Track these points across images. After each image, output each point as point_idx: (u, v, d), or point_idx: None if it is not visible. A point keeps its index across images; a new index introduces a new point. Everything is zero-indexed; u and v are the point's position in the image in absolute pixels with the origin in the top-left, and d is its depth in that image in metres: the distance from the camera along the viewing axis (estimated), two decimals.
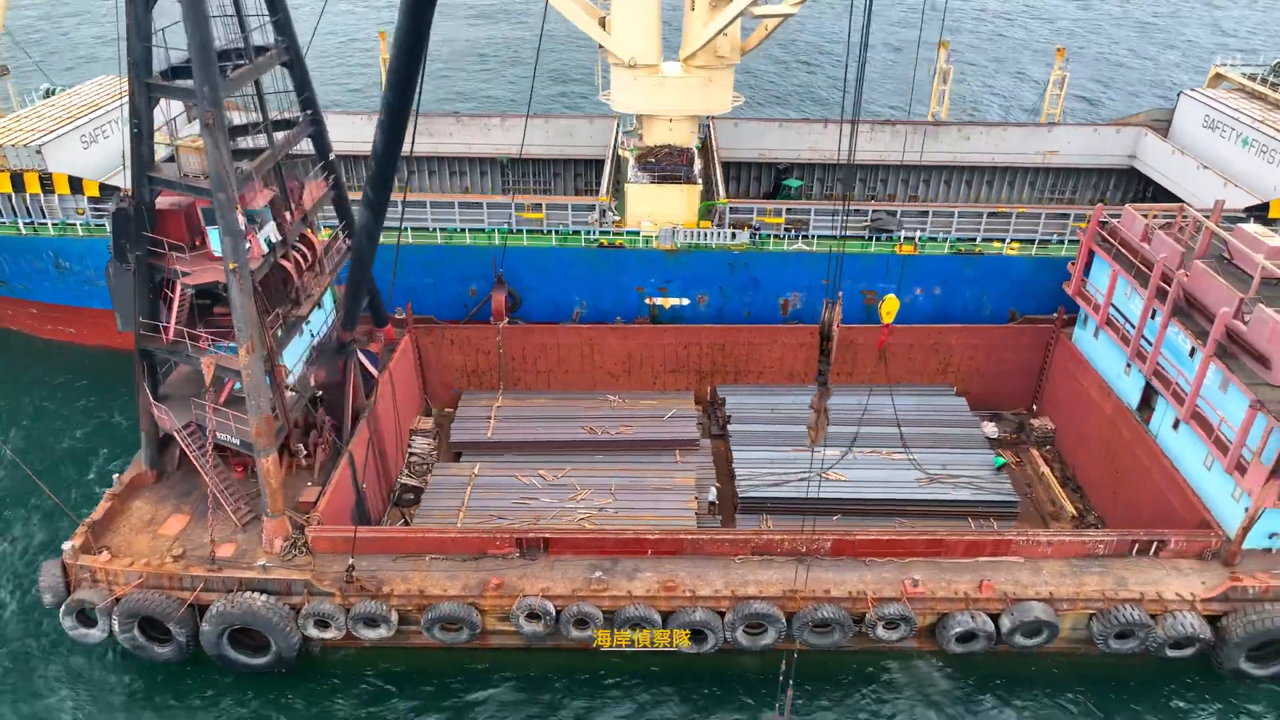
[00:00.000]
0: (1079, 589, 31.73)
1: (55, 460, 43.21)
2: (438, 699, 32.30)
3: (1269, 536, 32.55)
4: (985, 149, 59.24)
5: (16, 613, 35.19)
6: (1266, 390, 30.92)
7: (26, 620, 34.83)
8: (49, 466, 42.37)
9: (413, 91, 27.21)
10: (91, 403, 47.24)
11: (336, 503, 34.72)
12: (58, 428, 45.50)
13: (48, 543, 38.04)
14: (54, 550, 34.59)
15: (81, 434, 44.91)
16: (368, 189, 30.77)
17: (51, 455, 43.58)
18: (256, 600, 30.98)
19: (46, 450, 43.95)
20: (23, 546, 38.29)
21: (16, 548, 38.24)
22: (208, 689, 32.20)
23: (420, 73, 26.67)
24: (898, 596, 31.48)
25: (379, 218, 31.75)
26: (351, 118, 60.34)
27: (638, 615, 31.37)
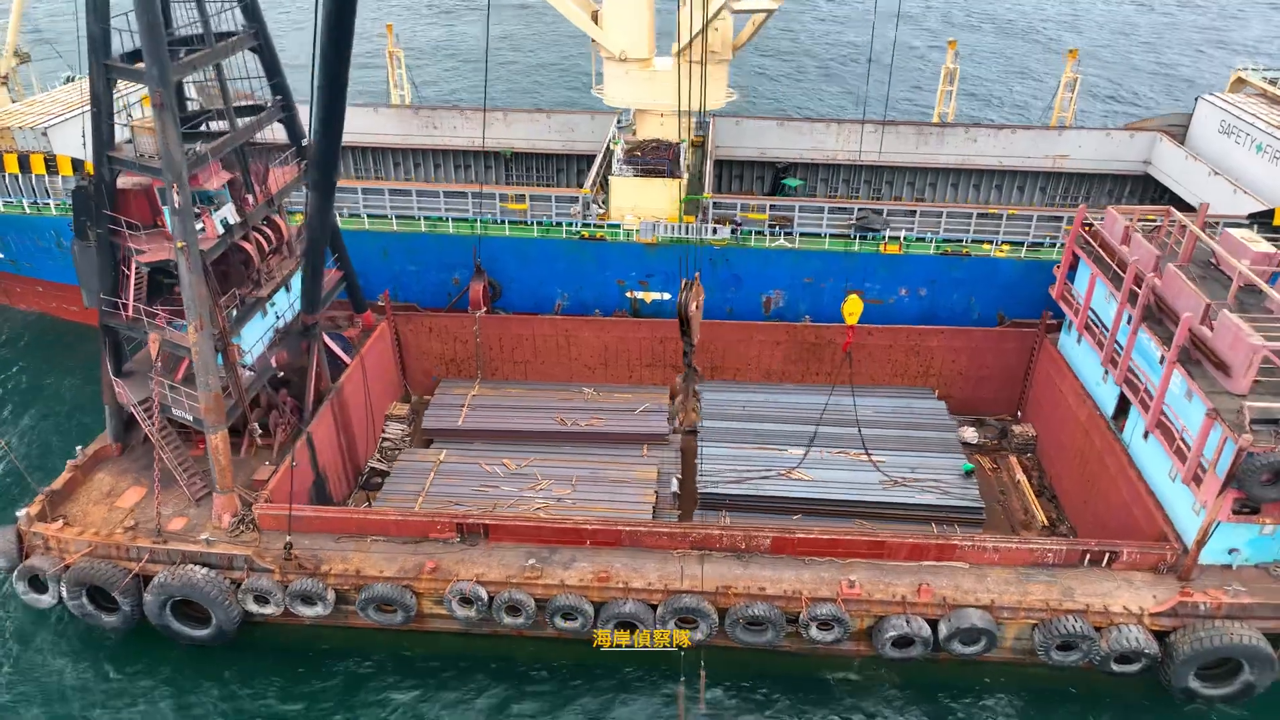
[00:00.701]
0: (1023, 598, 30.85)
1: (55, 432, 44.62)
2: (372, 679, 32.69)
3: (1228, 552, 31.30)
4: (993, 152, 58.01)
5: None
6: (1226, 399, 29.73)
7: None
8: (44, 438, 43.83)
9: (343, 80, 27.63)
10: (94, 378, 48.66)
11: (289, 484, 35.19)
12: (58, 401, 46.96)
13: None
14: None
15: (80, 408, 46.24)
16: (311, 171, 31.24)
17: (53, 427, 45.04)
18: (197, 573, 31.65)
19: (48, 422, 45.43)
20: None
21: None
22: (149, 658, 33.02)
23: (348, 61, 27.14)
24: (833, 597, 30.93)
25: (325, 199, 32.33)
26: (359, 109, 61.15)
27: (569, 605, 31.33)
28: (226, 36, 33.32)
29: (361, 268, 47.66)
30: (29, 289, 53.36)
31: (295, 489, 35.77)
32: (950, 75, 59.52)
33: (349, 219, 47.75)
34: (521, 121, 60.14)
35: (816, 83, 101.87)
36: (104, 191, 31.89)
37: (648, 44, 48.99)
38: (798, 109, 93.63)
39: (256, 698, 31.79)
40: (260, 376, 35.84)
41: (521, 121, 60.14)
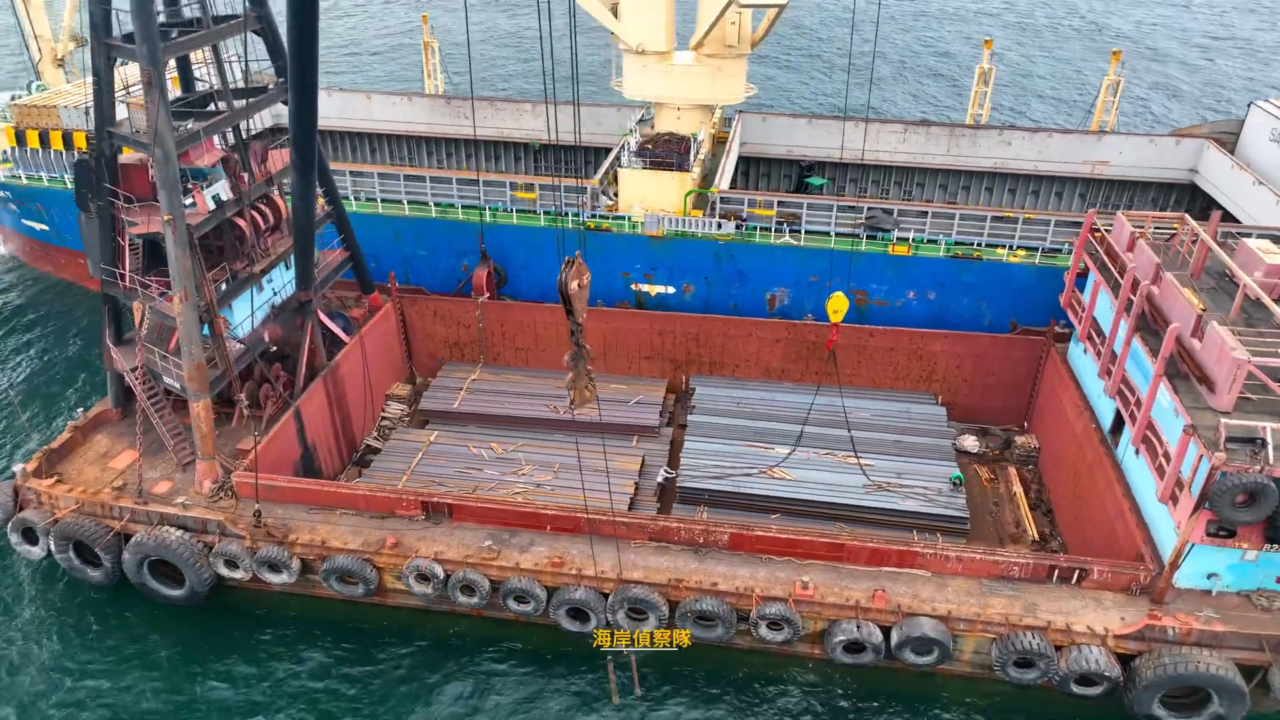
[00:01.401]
0: (982, 610, 29.89)
1: (72, 395, 46.94)
2: (333, 649, 33.41)
3: (1207, 577, 29.77)
4: (1028, 156, 56.24)
5: None
6: (1208, 415, 28.29)
7: None
8: (60, 400, 46.16)
9: (312, 65, 28.45)
10: None
11: (275, 453, 36.32)
12: (79, 366, 49.35)
13: None
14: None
15: (98, 373, 48.50)
16: (292, 153, 32.14)
17: (71, 390, 47.41)
18: (172, 535, 32.91)
19: (67, 386, 47.84)
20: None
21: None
22: (127, 614, 34.42)
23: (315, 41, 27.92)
24: (785, 597, 30.48)
25: (306, 179, 33.22)
26: (393, 98, 62.71)
27: (521, 588, 31.59)
28: (228, 19, 34.48)
29: (374, 251, 48.88)
30: (71, 259, 56.09)
31: (281, 461, 37.00)
32: (985, 75, 57.86)
33: (365, 203, 48.97)
34: (550, 113, 60.52)
35: (838, 81, 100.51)
36: (104, 165, 33.33)
37: (666, 37, 48.93)
38: (827, 107, 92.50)
39: (219, 659, 32.85)
40: (251, 350, 37.01)
41: (550, 113, 60.52)
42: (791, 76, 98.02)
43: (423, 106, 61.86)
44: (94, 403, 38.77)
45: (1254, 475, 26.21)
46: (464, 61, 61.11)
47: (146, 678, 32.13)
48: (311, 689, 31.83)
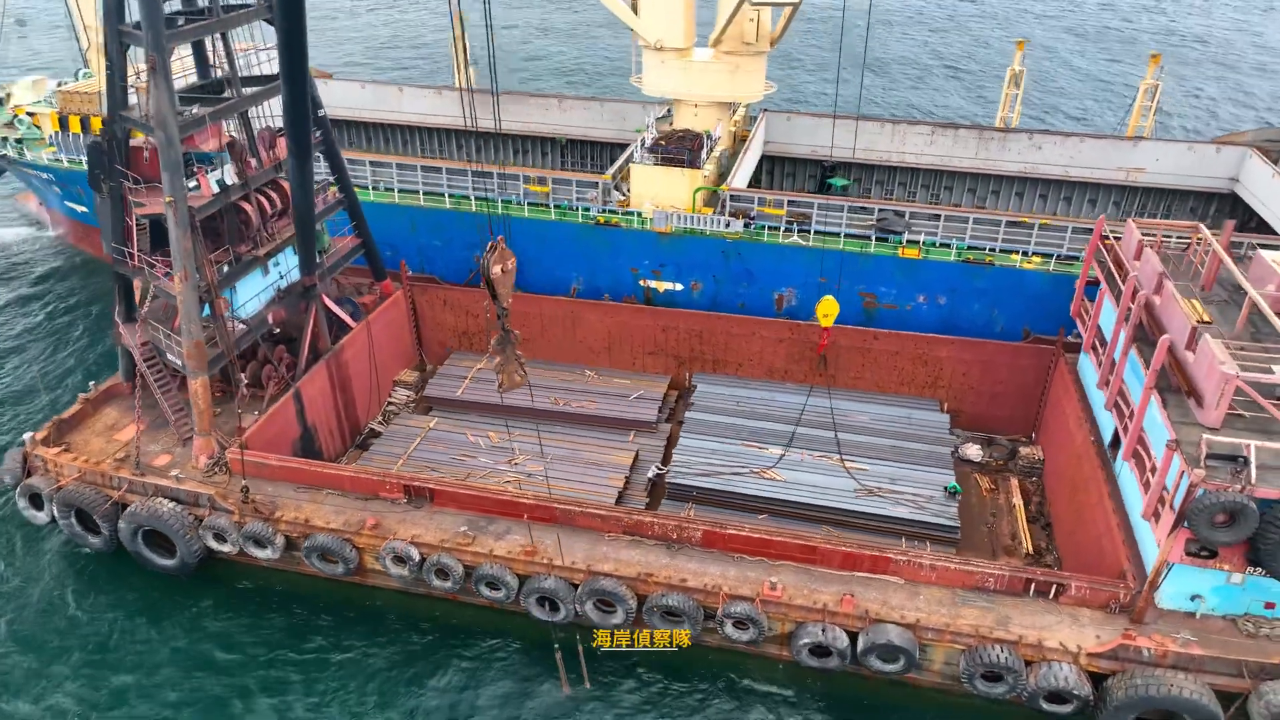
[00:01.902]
0: (952, 621, 29.29)
1: (96, 368, 48.87)
2: (313, 625, 34.16)
3: (1190, 599, 28.73)
4: (1058, 160, 54.82)
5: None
6: (1195, 431, 27.31)
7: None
8: (82, 373, 48.10)
9: (302, 52, 29.16)
10: None
11: (272, 432, 37.30)
12: (103, 342, 51.31)
13: None
14: None
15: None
16: (288, 140, 32.97)
17: (92, 364, 49.32)
18: (164, 506, 34.02)
19: (89, 360, 49.78)
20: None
21: None
22: (121, 581, 35.65)
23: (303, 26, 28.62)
24: (752, 597, 30.26)
25: (303, 166, 34.05)
26: (423, 91, 63.78)
27: (493, 575, 31.93)
28: (238, 9, 35.47)
29: (391, 240, 49.86)
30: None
31: (280, 440, 37.96)
32: (1016, 78, 56.52)
33: (383, 193, 49.91)
34: (575, 109, 61.01)
35: (874, 82, 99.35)
36: (115, 147, 34.57)
37: (684, 34, 48.86)
38: (854, 107, 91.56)
39: (201, 628, 33.87)
40: (253, 331, 38.01)
41: (575, 109, 61.01)
42: (818, 76, 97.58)
43: (452, 100, 62.74)
44: (107, 377, 40.15)
45: (1233, 495, 25.22)
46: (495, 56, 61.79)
47: (128, 642, 33.29)
48: (282, 661, 32.62)
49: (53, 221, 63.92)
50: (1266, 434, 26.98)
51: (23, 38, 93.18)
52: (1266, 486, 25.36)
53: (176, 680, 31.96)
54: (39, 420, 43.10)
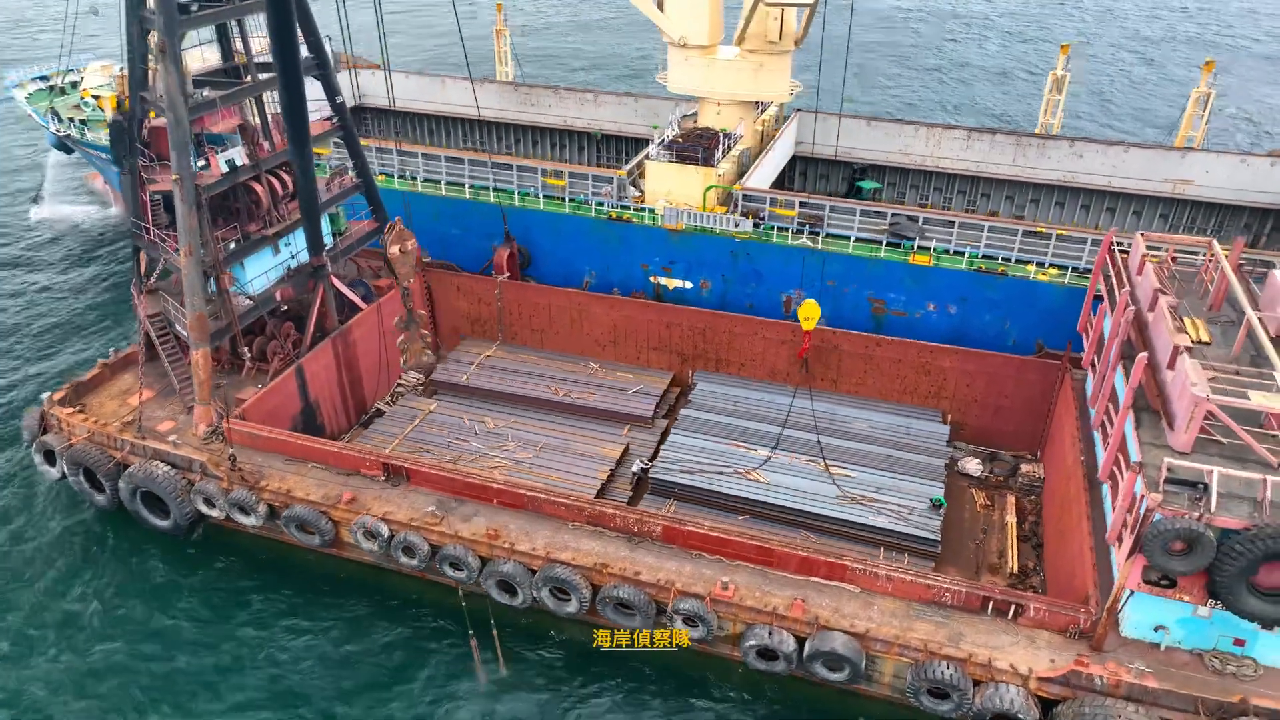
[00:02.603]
0: (902, 633, 28.71)
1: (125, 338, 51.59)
2: (291, 593, 35.47)
3: (1154, 629, 27.53)
4: (1100, 170, 52.90)
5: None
6: (1165, 454, 26.18)
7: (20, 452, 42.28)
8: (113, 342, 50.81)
9: (292, 42, 30.29)
10: None
11: (271, 405, 38.77)
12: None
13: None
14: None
15: None
16: (285, 125, 34.22)
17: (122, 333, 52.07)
18: (159, 469, 35.75)
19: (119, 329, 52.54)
20: None
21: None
22: (120, 536, 37.65)
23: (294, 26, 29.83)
24: (703, 595, 30.20)
25: (301, 150, 35.40)
26: (465, 83, 64.84)
27: (455, 555, 32.61)
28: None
29: (414, 228, 50.84)
30: None
31: (279, 413, 39.43)
32: (1058, 83, 54.65)
33: (406, 181, 51.24)
34: (610, 104, 61.45)
35: (908, 85, 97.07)
36: (134, 126, 36.41)
37: (708, 31, 48.81)
38: (895, 109, 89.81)
39: (184, 584, 35.64)
40: (260, 307, 39.55)
41: (610, 104, 61.45)
42: (861, 80, 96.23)
43: (492, 92, 63.84)
44: (129, 344, 42.28)
45: (1188, 522, 24.12)
46: (536, 49, 62.76)
47: (116, 594, 35.20)
48: (252, 620, 34.20)
49: (115, 199, 67.40)
50: (1240, 462, 25.69)
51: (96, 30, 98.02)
52: (1226, 516, 24.17)
53: (148, 637, 33.64)
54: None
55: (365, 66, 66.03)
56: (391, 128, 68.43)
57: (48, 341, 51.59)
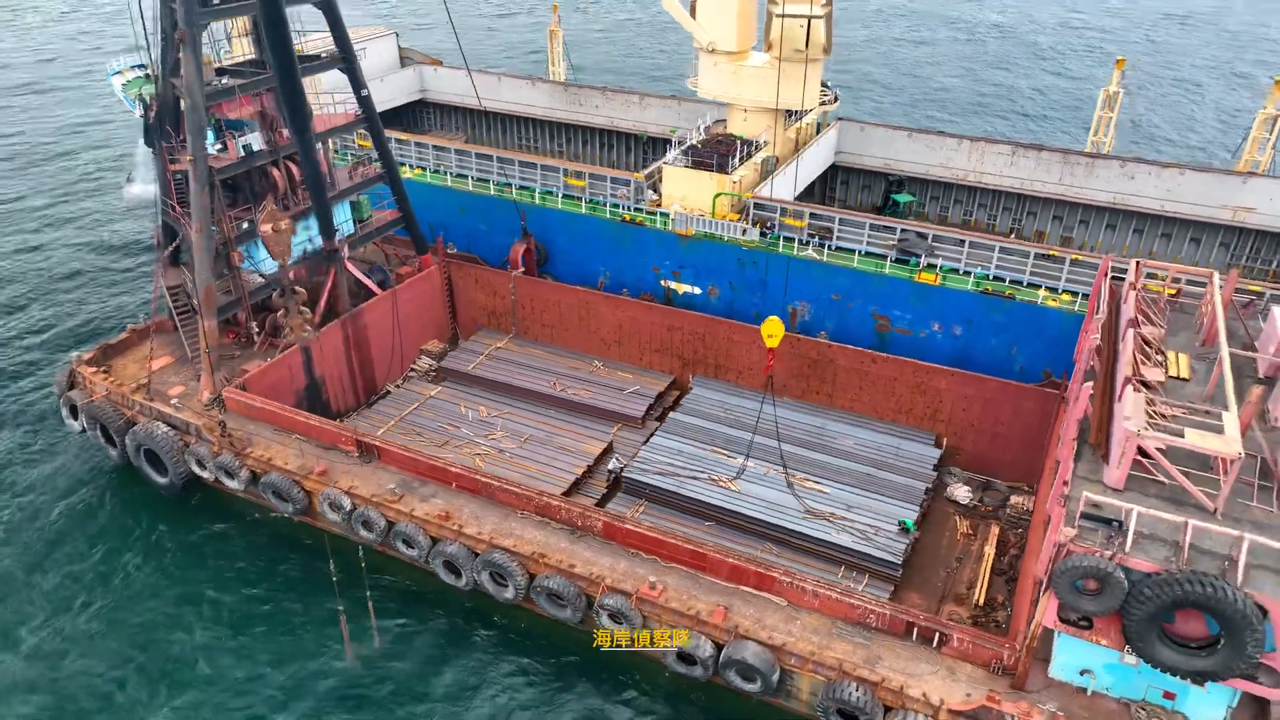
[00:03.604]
0: (818, 650, 28.22)
1: None
2: (270, 556, 37.49)
3: (1080, 673, 26.22)
4: (1153, 193, 50.18)
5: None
6: (1096, 489, 24.99)
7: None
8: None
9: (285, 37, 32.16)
10: None
11: (274, 378, 40.96)
12: None
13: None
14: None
15: None
16: (285, 115, 36.23)
17: None
18: (159, 429, 38.36)
19: None
20: None
21: None
22: (128, 490, 40.55)
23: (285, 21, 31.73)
24: (630, 593, 30.41)
25: (302, 138, 37.42)
26: (519, 82, 66.80)
27: (406, 532, 33.83)
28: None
29: (444, 221, 53.24)
30: None
31: (281, 386, 41.62)
32: (1111, 100, 52.12)
33: (437, 175, 53.11)
34: (654, 106, 62.00)
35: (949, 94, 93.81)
36: (166, 109, 39.18)
37: (737, 37, 48.81)
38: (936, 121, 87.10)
39: (165, 534, 38.34)
40: (271, 285, 41.85)
41: (654, 106, 62.00)
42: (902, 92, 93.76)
43: (544, 91, 65.36)
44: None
45: (1098, 560, 22.94)
46: (589, 49, 63.87)
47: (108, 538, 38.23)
48: (197, 579, 36.54)
49: None
50: (1175, 504, 24.26)
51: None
52: (1139, 558, 22.89)
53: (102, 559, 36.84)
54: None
55: (428, 62, 68.57)
56: (453, 123, 70.85)
57: (114, 306, 55.87)
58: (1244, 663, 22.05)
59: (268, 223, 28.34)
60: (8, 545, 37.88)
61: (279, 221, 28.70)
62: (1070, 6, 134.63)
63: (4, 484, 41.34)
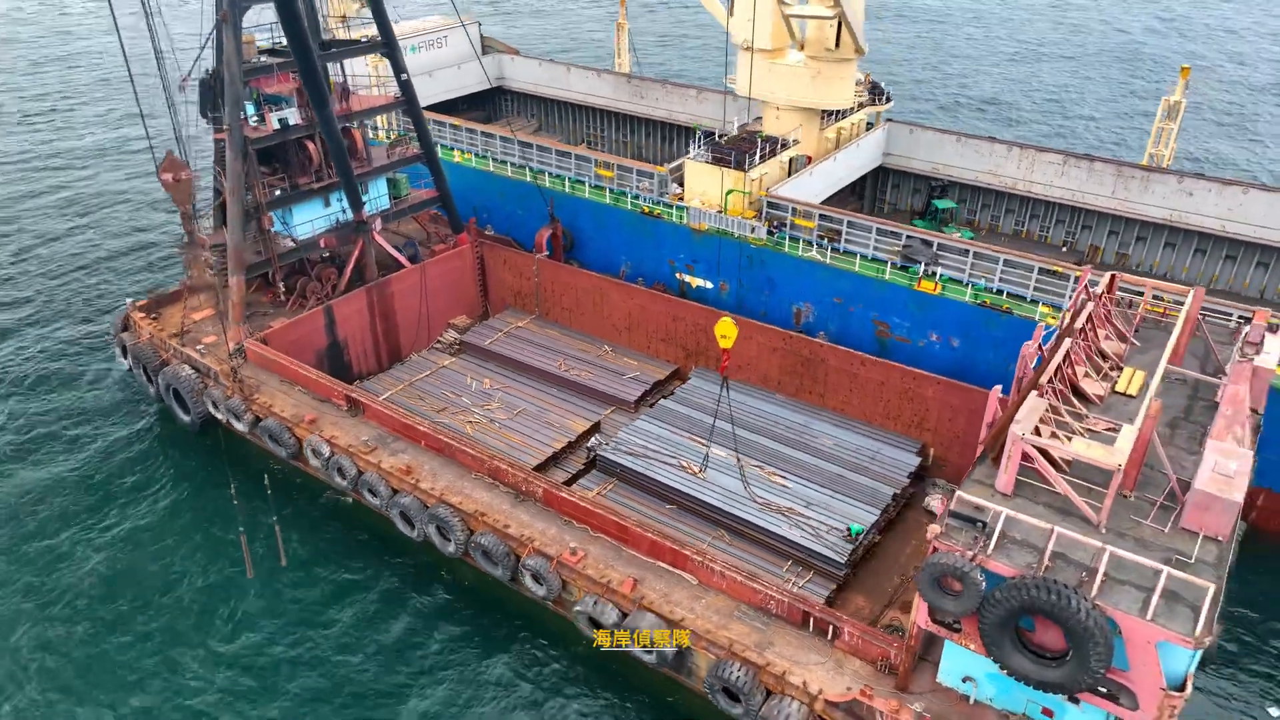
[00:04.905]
0: (714, 629, 28.65)
1: None
2: (244, 484, 40.68)
3: (963, 680, 25.68)
4: (1212, 211, 47.60)
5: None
6: (985, 492, 24.56)
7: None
8: None
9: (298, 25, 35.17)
10: None
11: (294, 336, 44.30)
12: None
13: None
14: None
15: None
16: (306, 92, 39.49)
17: None
18: (184, 371, 42.32)
19: None
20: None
21: None
22: (158, 425, 44.82)
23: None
24: (553, 557, 31.67)
25: (323, 114, 40.44)
26: (586, 73, 69.02)
27: (369, 480, 36.23)
28: None
29: (486, 204, 56.07)
30: None
31: (303, 343, 44.99)
32: (1173, 110, 49.42)
33: (480, 159, 55.81)
34: (710, 100, 62.90)
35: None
36: (217, 85, 43.22)
37: (771, 36, 49.24)
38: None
39: (176, 467, 42.36)
40: (302, 250, 45.35)
41: (710, 100, 62.90)
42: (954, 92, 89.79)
43: (608, 82, 67.34)
44: None
45: (956, 559, 22.62)
46: (655, 42, 65.19)
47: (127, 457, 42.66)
48: (190, 504, 40.31)
49: None
50: (1064, 515, 23.58)
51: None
52: (999, 561, 22.42)
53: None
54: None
55: (507, 51, 71.70)
56: (528, 110, 73.80)
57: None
58: (1088, 676, 21.28)
59: (168, 171, 31.09)
60: (61, 455, 43.21)
61: (180, 171, 31.45)
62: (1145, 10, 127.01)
63: (67, 408, 46.67)
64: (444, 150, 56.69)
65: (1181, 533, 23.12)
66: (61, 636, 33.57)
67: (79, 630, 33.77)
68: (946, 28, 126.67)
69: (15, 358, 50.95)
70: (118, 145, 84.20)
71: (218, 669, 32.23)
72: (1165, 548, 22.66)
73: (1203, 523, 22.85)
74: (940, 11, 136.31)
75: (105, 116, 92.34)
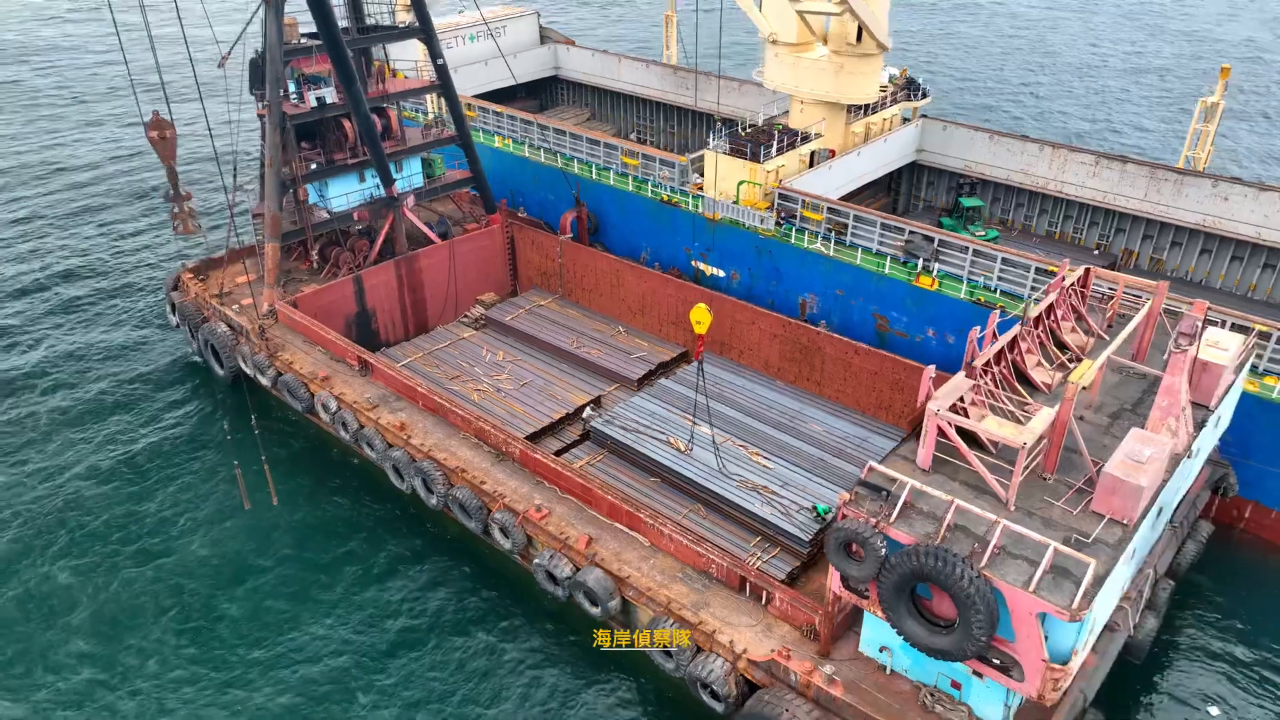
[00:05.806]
0: (657, 589, 29.94)
1: None
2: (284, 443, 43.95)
3: (880, 650, 26.39)
4: (1248, 218, 46.40)
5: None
6: (905, 467, 25.28)
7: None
8: None
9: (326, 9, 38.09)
10: None
11: (324, 302, 47.35)
12: None
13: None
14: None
15: None
16: (335, 72, 42.34)
17: None
18: (221, 328, 45.77)
19: None
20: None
21: None
22: (190, 378, 48.65)
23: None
24: (519, 513, 33.46)
25: (351, 92, 43.11)
26: (636, 64, 70.74)
27: (366, 435, 38.75)
28: None
29: (521, 188, 58.37)
30: None
31: (332, 309, 48.01)
32: (1210, 111, 48.16)
33: (517, 145, 58.09)
34: (752, 93, 63.72)
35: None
36: (265, 64, 46.52)
37: (797, 29, 49.99)
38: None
39: (200, 417, 45.85)
40: (334, 221, 48.37)
41: (752, 93, 63.72)
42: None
43: (656, 73, 68.90)
44: None
45: (859, 525, 23.45)
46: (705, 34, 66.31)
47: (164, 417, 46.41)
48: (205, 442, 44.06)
49: None
50: (977, 491, 24.17)
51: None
52: (898, 528, 23.15)
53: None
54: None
55: (563, 41, 73.99)
56: (582, 99, 75.94)
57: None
58: (971, 643, 21.84)
59: (154, 130, 33.75)
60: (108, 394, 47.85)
61: (165, 130, 34.07)
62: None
63: (122, 357, 51.15)
64: (485, 136, 59.19)
65: (1090, 515, 23.41)
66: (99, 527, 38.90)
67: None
68: (1003, 23, 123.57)
69: (86, 312, 55.73)
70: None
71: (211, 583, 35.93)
72: (1069, 527, 23.02)
73: (1109, 506, 23.12)
74: (995, 9, 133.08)
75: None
